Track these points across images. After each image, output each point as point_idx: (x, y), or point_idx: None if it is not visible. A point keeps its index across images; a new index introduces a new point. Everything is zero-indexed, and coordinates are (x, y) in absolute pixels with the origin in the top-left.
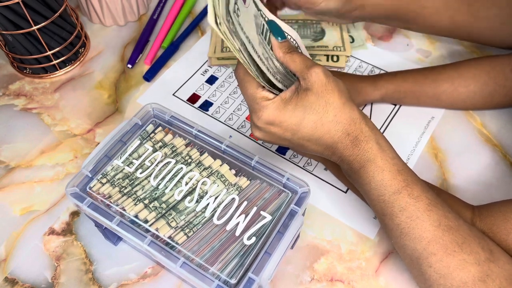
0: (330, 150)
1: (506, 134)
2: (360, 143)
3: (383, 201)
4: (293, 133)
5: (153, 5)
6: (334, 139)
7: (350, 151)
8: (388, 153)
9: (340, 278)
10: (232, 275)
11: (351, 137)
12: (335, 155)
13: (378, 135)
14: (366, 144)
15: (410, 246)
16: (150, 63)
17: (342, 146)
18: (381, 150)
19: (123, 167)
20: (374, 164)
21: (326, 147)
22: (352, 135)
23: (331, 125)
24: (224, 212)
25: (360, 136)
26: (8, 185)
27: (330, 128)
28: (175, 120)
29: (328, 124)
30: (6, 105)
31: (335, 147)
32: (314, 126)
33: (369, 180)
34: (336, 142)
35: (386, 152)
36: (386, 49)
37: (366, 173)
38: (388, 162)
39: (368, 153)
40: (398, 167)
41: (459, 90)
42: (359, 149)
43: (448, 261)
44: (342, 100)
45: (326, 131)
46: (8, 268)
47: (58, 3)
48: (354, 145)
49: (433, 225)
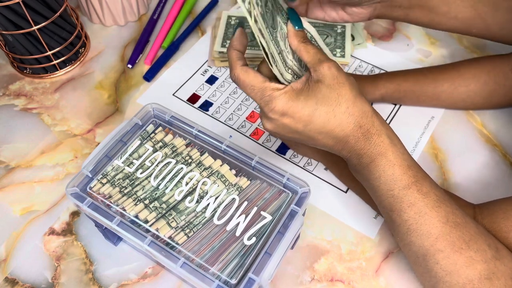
0: (340, 144)
1: (506, 134)
2: (372, 136)
3: (392, 196)
4: (305, 124)
5: (153, 5)
6: (346, 131)
7: (362, 144)
8: (399, 148)
9: (340, 278)
10: (232, 275)
11: (363, 130)
12: (345, 149)
13: (388, 129)
14: (378, 138)
15: (417, 243)
16: (150, 63)
17: (353, 139)
18: (392, 144)
19: (123, 167)
20: (385, 158)
21: (338, 140)
22: (364, 128)
23: (343, 117)
24: (225, 212)
25: (371, 129)
26: (8, 185)
27: (342, 120)
28: (175, 120)
29: (341, 116)
30: (6, 105)
31: (346, 141)
32: (326, 117)
33: (379, 174)
34: (348, 135)
35: (397, 146)
36: (386, 49)
37: (377, 167)
38: (399, 156)
39: (379, 146)
40: (408, 162)
41: (459, 90)
42: (371, 143)
43: (455, 258)
44: (353, 93)
45: (338, 123)
46: (8, 268)
47: (58, 3)
48: (366, 138)
49: (441, 221)
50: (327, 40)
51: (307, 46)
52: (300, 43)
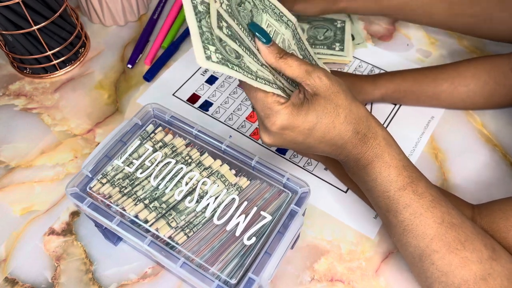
0: (338, 150)
1: (506, 134)
2: (369, 140)
3: (387, 198)
4: (305, 137)
5: (153, 5)
6: (344, 139)
7: (359, 148)
8: (395, 149)
9: (340, 278)
10: (232, 275)
11: (360, 135)
12: (342, 154)
13: (384, 130)
14: (374, 141)
15: (413, 244)
16: (150, 63)
17: (351, 145)
18: (388, 145)
19: (123, 167)
20: (382, 160)
21: (336, 147)
22: (361, 133)
23: (342, 127)
24: (224, 212)
25: (368, 133)
26: (8, 185)
27: (341, 129)
28: (175, 120)
29: (340, 126)
30: (6, 105)
31: (344, 147)
32: (326, 129)
33: (375, 176)
34: (346, 142)
35: (392, 147)
36: (386, 49)
37: (373, 169)
38: (395, 157)
39: (376, 149)
40: (404, 163)
41: (459, 90)
42: (367, 146)
43: (450, 258)
44: (348, 100)
45: (337, 132)
46: (8, 268)
47: (58, 3)
48: (363, 143)
49: (436, 222)
50: (327, 34)
51: (287, 60)
52: (279, 60)
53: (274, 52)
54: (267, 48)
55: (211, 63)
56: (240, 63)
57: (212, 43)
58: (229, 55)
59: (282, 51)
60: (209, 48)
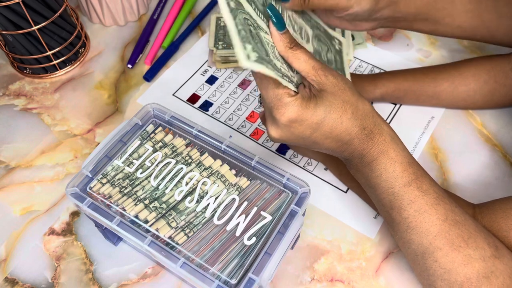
0: (344, 146)
1: (506, 134)
2: (375, 136)
3: (392, 194)
4: (313, 131)
5: (153, 5)
6: (351, 135)
7: (365, 144)
8: (400, 145)
9: (340, 278)
10: (232, 276)
11: (366, 131)
12: (347, 150)
13: (389, 127)
14: (380, 137)
15: (416, 241)
16: (150, 63)
17: (358, 140)
18: (393, 142)
19: (123, 167)
20: (387, 156)
21: (342, 143)
22: (368, 129)
23: (349, 122)
24: (224, 213)
25: (374, 129)
26: (8, 185)
27: (348, 125)
28: (175, 120)
29: (347, 122)
30: (6, 105)
31: (350, 143)
32: (334, 124)
33: (381, 172)
34: (353, 138)
35: (398, 144)
36: (386, 49)
37: (378, 165)
38: (400, 153)
39: (381, 145)
40: (408, 159)
41: (459, 89)
42: (373, 142)
43: (454, 256)
44: (355, 96)
45: (345, 128)
46: (8, 268)
47: (58, 3)
48: (369, 139)
49: (440, 219)
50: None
51: (296, 52)
52: (288, 50)
53: (286, 41)
54: (280, 35)
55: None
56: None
57: None
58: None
59: (293, 42)
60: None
